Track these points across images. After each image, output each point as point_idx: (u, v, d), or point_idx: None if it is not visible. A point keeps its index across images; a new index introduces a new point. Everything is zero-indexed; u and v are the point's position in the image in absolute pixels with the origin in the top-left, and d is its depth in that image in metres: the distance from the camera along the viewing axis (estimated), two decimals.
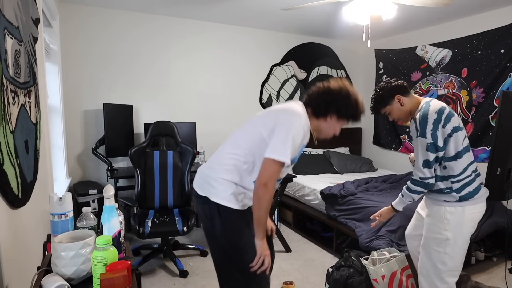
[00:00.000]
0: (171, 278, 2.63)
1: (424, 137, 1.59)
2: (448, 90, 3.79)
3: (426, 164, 1.61)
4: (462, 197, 1.62)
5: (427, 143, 1.59)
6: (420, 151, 1.62)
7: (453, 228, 1.63)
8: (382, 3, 2.32)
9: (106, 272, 0.97)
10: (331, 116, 1.47)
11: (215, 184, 1.43)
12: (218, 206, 1.40)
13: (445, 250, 1.65)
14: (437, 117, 1.59)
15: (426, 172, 1.62)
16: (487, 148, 3.44)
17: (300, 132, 1.38)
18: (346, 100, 1.45)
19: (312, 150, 4.41)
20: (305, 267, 2.82)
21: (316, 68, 4.71)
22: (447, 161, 1.63)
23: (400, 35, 4.43)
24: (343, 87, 1.47)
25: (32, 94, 1.60)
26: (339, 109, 1.46)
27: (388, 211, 1.88)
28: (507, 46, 3.23)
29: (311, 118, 1.48)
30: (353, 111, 1.47)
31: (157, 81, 3.71)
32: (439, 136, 1.59)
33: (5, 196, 1.15)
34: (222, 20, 3.83)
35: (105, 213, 1.19)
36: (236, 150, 1.44)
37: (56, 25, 3.01)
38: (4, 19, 1.19)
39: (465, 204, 1.62)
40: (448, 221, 1.63)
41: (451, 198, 1.63)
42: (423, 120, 1.60)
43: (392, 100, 1.76)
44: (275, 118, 1.41)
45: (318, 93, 1.50)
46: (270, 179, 1.33)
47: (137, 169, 2.85)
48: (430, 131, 1.58)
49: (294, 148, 1.37)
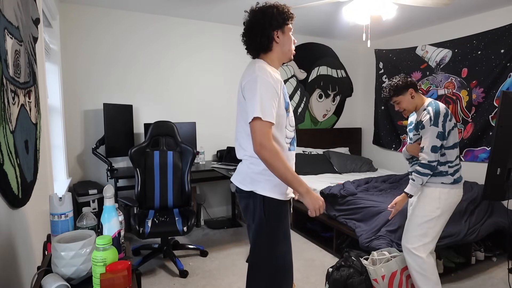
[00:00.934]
0: (171, 278, 2.63)
1: (436, 126, 1.91)
2: (448, 90, 3.79)
3: (433, 149, 1.91)
4: (455, 180, 1.96)
5: (438, 131, 1.90)
6: (430, 137, 1.91)
7: (442, 206, 1.96)
8: (382, 3, 2.32)
9: (106, 272, 0.97)
10: (276, 36, 1.48)
11: (257, 177, 1.45)
12: (264, 199, 1.43)
13: (430, 225, 1.97)
14: (445, 112, 1.93)
15: (433, 156, 1.91)
16: (487, 148, 3.44)
17: (266, 82, 1.35)
18: (272, 15, 1.46)
19: (312, 150, 4.41)
20: (305, 267, 2.82)
21: (316, 68, 4.71)
22: (446, 149, 1.96)
23: (400, 35, 4.43)
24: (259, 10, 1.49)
25: (32, 94, 1.60)
26: (275, 25, 1.46)
27: (402, 199, 2.09)
28: (507, 46, 3.23)
29: (268, 54, 1.50)
30: (284, 15, 1.49)
31: (157, 81, 3.71)
32: (446, 128, 1.92)
33: (5, 196, 1.15)
34: (222, 20, 3.83)
35: (105, 213, 1.19)
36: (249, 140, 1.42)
37: (56, 25, 3.01)
38: (4, 19, 1.19)
39: (455, 187, 1.97)
40: (440, 200, 1.95)
41: (447, 180, 1.96)
42: (437, 113, 1.92)
43: (406, 92, 2.04)
44: (242, 89, 1.43)
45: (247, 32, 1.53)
46: (262, 138, 1.31)
47: (137, 169, 2.86)
48: (441, 122, 1.91)
49: (272, 98, 1.35)
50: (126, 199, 2.66)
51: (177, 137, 3.00)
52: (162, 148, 2.99)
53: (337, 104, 4.98)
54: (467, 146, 3.60)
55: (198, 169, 3.43)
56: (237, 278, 2.65)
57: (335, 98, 4.95)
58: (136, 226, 2.55)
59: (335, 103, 4.96)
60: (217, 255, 3.05)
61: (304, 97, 4.66)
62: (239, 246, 3.25)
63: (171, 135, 3.00)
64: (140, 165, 2.88)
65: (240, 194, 1.54)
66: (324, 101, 4.85)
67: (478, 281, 2.57)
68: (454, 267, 2.71)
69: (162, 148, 2.99)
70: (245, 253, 3.08)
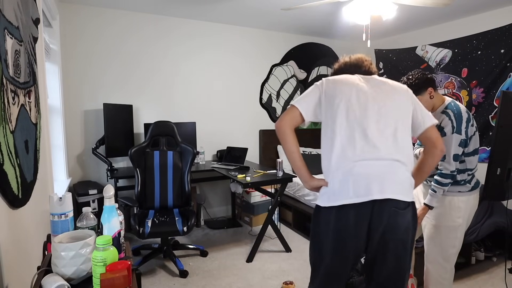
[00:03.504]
0: (171, 278, 2.63)
1: (459, 133, 1.73)
2: (448, 90, 3.79)
3: (456, 158, 1.74)
4: (473, 187, 1.81)
5: (461, 139, 1.73)
6: (453, 145, 1.73)
7: (464, 214, 1.81)
8: (382, 3, 2.32)
9: (106, 272, 0.97)
10: None
11: (411, 182, 1.34)
12: (413, 206, 1.32)
13: (456, 235, 1.82)
14: (467, 116, 1.76)
15: (455, 165, 1.75)
16: (487, 148, 3.44)
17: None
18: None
19: (312, 150, 4.41)
20: (305, 267, 2.82)
21: (316, 68, 4.71)
22: (466, 156, 1.79)
23: (400, 35, 4.43)
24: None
25: (32, 94, 1.60)
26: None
27: (423, 211, 1.88)
28: (507, 46, 3.23)
29: None
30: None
31: (157, 81, 3.71)
32: (469, 134, 1.76)
33: (5, 196, 1.15)
34: (222, 20, 3.83)
35: (105, 213, 1.19)
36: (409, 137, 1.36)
37: (56, 25, 3.01)
38: (4, 19, 1.19)
39: (472, 193, 1.81)
40: (460, 209, 1.80)
41: (464, 189, 1.80)
42: (459, 118, 1.73)
43: (425, 91, 1.83)
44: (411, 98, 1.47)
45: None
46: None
47: (137, 169, 2.86)
48: (464, 128, 1.73)
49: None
50: (126, 199, 2.66)
51: (177, 137, 3.00)
52: (162, 148, 2.99)
53: None
54: None
55: (198, 169, 3.43)
56: (237, 278, 2.65)
57: None
58: (136, 226, 2.55)
59: None
60: (217, 255, 3.05)
61: None
62: (239, 246, 3.25)
63: (171, 135, 3.00)
64: (140, 165, 2.88)
65: (398, 209, 1.27)
66: None
67: (478, 281, 2.57)
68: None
69: (162, 148, 2.99)
70: (245, 253, 3.08)
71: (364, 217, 1.27)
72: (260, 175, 3.06)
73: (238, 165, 3.49)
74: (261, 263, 2.88)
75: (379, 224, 1.26)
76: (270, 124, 4.45)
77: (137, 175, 2.86)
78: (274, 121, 4.47)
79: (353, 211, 1.26)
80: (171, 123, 3.00)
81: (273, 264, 2.86)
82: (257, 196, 3.80)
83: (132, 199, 2.73)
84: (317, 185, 1.41)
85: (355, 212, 1.26)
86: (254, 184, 2.87)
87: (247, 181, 2.83)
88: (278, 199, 3.08)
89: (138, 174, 2.86)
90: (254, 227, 3.71)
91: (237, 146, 4.10)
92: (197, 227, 3.79)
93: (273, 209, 3.07)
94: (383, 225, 1.26)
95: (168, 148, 2.99)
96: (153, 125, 2.97)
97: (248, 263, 2.89)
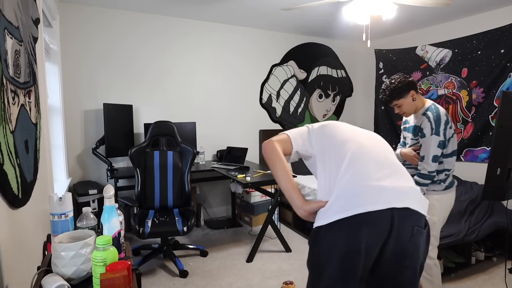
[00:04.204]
0: (171, 278, 2.63)
1: (438, 135, 1.81)
2: (448, 90, 3.79)
3: (435, 159, 1.82)
4: (447, 186, 1.91)
5: (440, 140, 1.81)
6: (432, 147, 1.82)
7: (438, 212, 1.90)
8: (382, 3, 2.32)
9: (106, 272, 0.97)
10: None
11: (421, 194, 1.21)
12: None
13: (432, 233, 1.85)
14: (446, 118, 1.84)
15: (433, 166, 1.83)
16: (487, 148, 3.44)
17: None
18: None
19: None
20: (305, 267, 2.81)
21: (316, 68, 4.71)
22: (445, 158, 1.88)
23: (400, 35, 4.43)
24: None
25: (32, 94, 1.60)
26: None
27: None
28: (507, 46, 3.23)
29: None
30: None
31: (157, 81, 3.71)
32: (447, 135, 1.84)
33: (5, 196, 1.15)
34: (222, 20, 3.83)
35: (105, 213, 1.19)
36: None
37: (56, 25, 3.01)
38: (4, 19, 1.19)
39: (447, 192, 1.92)
40: (435, 207, 1.89)
41: (439, 188, 1.90)
42: (438, 120, 1.82)
43: (407, 94, 1.91)
44: None
45: None
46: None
47: (137, 169, 2.85)
48: (443, 130, 1.82)
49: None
50: (126, 199, 2.66)
51: (177, 137, 3.00)
52: (162, 148, 2.99)
53: (337, 104, 4.98)
54: (467, 146, 3.60)
55: (198, 169, 3.43)
56: (237, 278, 2.65)
57: (335, 98, 4.95)
58: (136, 226, 2.55)
59: (335, 103, 4.96)
60: (217, 255, 3.05)
61: (304, 97, 4.67)
62: (239, 246, 3.25)
63: (171, 135, 3.00)
64: (140, 165, 2.88)
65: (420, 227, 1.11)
66: (324, 101, 4.85)
67: (478, 281, 2.57)
68: (454, 267, 2.70)
69: (162, 148, 2.99)
70: (245, 253, 3.08)
71: (380, 236, 1.06)
72: (260, 175, 3.06)
73: (238, 165, 3.49)
74: (261, 263, 2.88)
75: (401, 248, 1.08)
76: (270, 124, 4.45)
77: (137, 175, 2.86)
78: (274, 121, 4.47)
79: (366, 230, 1.05)
80: (171, 123, 3.00)
81: (273, 264, 2.86)
82: (257, 196, 3.80)
83: (132, 199, 2.73)
84: (315, 209, 1.21)
85: (369, 230, 1.05)
86: (254, 184, 2.87)
87: (247, 181, 2.83)
88: (278, 199, 3.08)
89: (138, 174, 2.85)
90: (254, 227, 3.71)
91: (237, 146, 4.10)
92: (197, 227, 3.79)
93: (273, 209, 3.07)
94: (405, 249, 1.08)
95: (168, 148, 2.99)
96: (153, 125, 2.97)
97: (248, 263, 2.89)
